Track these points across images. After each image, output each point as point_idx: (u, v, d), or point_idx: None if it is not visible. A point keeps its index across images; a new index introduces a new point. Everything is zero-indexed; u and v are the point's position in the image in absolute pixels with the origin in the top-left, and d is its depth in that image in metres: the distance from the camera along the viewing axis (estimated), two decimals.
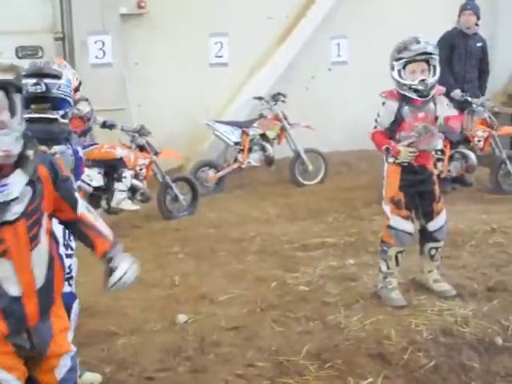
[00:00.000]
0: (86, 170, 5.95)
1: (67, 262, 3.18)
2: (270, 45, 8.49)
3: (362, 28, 8.60)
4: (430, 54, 4.08)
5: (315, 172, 8.04)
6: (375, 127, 4.20)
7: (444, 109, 4.31)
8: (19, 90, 2.33)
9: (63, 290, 2.94)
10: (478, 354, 3.77)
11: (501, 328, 3.99)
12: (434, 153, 6.71)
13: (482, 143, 6.95)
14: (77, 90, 6.04)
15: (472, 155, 6.89)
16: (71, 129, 3.18)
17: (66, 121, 3.07)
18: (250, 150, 7.77)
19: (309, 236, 5.90)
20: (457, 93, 7.11)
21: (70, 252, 3.19)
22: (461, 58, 7.33)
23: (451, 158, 6.93)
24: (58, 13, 7.38)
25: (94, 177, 6.11)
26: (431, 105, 4.19)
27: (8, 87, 2.29)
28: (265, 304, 4.39)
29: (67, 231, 3.06)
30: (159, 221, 6.65)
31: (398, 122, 4.15)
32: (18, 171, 2.33)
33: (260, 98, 8.01)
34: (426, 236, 4.37)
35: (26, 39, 7.24)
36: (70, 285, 3.21)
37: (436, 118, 4.22)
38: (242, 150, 7.73)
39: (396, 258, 4.30)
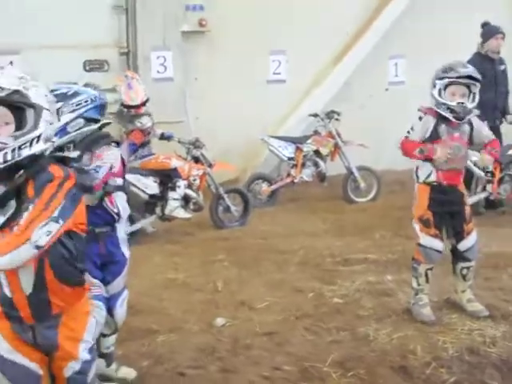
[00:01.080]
0: (141, 177, 6.34)
1: None
2: (327, 63, 8.70)
3: (420, 48, 8.67)
4: (475, 79, 4.21)
5: (367, 189, 8.15)
6: (406, 136, 4.33)
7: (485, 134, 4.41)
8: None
9: None
10: (500, 373, 3.83)
11: None
12: (483, 174, 6.81)
13: None
14: (143, 104, 6.46)
15: None
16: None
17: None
18: (303, 165, 7.96)
19: (352, 251, 6.04)
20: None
21: None
22: (491, 86, 7.14)
23: (501, 181, 6.92)
24: (123, 28, 7.81)
25: (149, 185, 6.43)
26: (466, 126, 4.31)
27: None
28: (300, 313, 4.58)
29: None
30: (211, 230, 6.91)
31: (432, 138, 4.27)
32: None
33: (315, 115, 8.21)
34: (457, 256, 4.47)
35: (93, 53, 7.69)
36: None
37: (470, 141, 4.32)
38: (295, 165, 7.93)
39: (426, 275, 4.41)
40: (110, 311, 3.66)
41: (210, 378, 3.76)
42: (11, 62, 7.37)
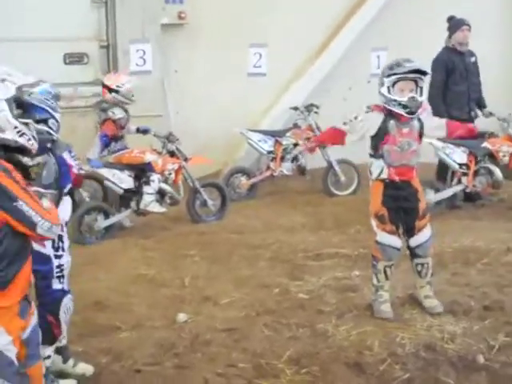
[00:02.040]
0: (116, 171, 6.36)
1: (56, 262, 3.45)
2: (308, 56, 8.69)
3: (403, 40, 8.63)
4: (423, 72, 4.21)
5: (348, 183, 8.15)
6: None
7: (432, 127, 4.42)
8: None
9: (53, 287, 3.27)
10: (455, 370, 3.85)
11: (486, 347, 4.05)
12: (458, 167, 6.82)
13: (507, 158, 6.91)
14: (116, 88, 6.49)
15: (497, 170, 6.87)
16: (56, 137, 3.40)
17: (46, 129, 3.29)
18: (282, 158, 7.96)
19: (325, 246, 6.05)
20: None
21: (60, 253, 3.46)
22: (462, 78, 7.25)
23: (476, 173, 6.92)
24: (103, 22, 7.79)
25: (124, 179, 6.45)
26: (415, 121, 4.32)
27: None
28: (262, 309, 4.60)
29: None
30: (187, 224, 6.92)
31: (381, 135, 4.28)
32: None
33: (296, 109, 8.21)
34: (410, 252, 4.49)
35: (73, 46, 7.68)
36: (60, 282, 3.50)
37: (420, 136, 4.34)
38: (274, 159, 7.94)
39: (385, 271, 4.43)
40: None
41: (164, 375, 3.78)
42: None
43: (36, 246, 3.04)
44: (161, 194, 6.62)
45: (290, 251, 5.92)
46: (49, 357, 3.51)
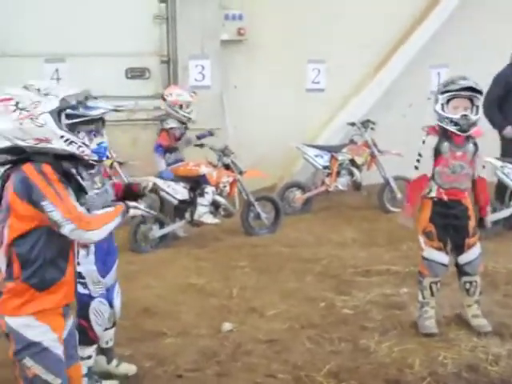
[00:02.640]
0: (171, 183, 6.53)
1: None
2: (367, 72, 8.69)
3: (463, 57, 8.53)
4: (476, 91, 4.16)
5: (404, 200, 8.07)
6: (416, 168, 4.36)
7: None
8: None
9: (79, 291, 3.40)
10: None
11: None
12: None
13: None
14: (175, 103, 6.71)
15: None
16: None
17: None
18: (338, 174, 7.98)
19: (376, 262, 6.04)
20: (508, 131, 7.18)
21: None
22: None
23: None
24: (164, 37, 8.04)
25: (179, 190, 6.61)
26: (470, 146, 4.27)
27: None
28: (306, 322, 4.64)
29: None
30: (240, 236, 7.02)
31: (435, 156, 4.27)
32: None
33: (353, 124, 8.23)
34: (459, 270, 4.43)
35: (134, 61, 7.96)
36: (85, 288, 3.60)
37: (472, 160, 4.28)
38: (330, 174, 7.96)
39: (430, 288, 4.40)
40: (109, 303, 3.79)
41: (204, 381, 3.89)
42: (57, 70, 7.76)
43: None
44: (215, 205, 6.74)
45: (339, 266, 5.93)
46: (89, 357, 3.64)
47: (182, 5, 7.96)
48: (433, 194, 4.33)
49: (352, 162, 8.00)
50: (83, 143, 2.89)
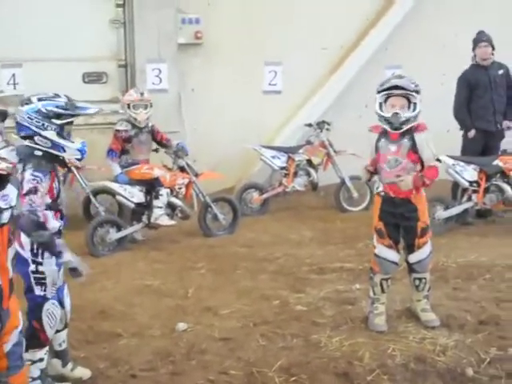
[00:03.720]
0: (127, 186, 6.57)
1: (33, 266, 3.56)
2: (323, 74, 8.83)
3: (416, 58, 8.75)
4: (405, 89, 4.22)
5: (360, 199, 8.24)
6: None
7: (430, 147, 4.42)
8: None
9: (35, 293, 3.44)
10: (443, 382, 3.91)
11: (477, 360, 4.09)
12: (468, 185, 6.85)
13: None
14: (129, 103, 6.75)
15: (508, 188, 6.87)
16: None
17: (32, 145, 3.57)
18: (295, 174, 8.09)
19: (330, 260, 6.15)
20: (472, 133, 7.45)
21: (39, 260, 3.55)
22: (486, 91, 7.45)
23: (487, 190, 6.94)
24: (121, 41, 8.06)
25: (135, 194, 6.65)
26: (405, 140, 4.31)
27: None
28: (259, 320, 4.71)
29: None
30: (198, 238, 7.06)
31: (375, 153, 4.42)
32: (9, 184, 2.84)
33: (309, 125, 8.36)
34: (409, 267, 4.54)
35: (92, 66, 7.96)
36: (42, 290, 3.59)
37: (411, 154, 4.32)
38: (287, 175, 8.07)
39: (381, 284, 4.51)
40: (60, 303, 3.77)
41: (158, 381, 3.91)
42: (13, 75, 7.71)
43: (17, 247, 3.21)
44: (171, 207, 6.79)
45: (294, 265, 6.03)
46: (41, 360, 3.64)
47: (138, 9, 7.99)
48: (380, 189, 4.46)
49: (309, 162, 8.13)
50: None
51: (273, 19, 8.46)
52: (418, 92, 4.26)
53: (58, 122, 3.59)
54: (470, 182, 6.94)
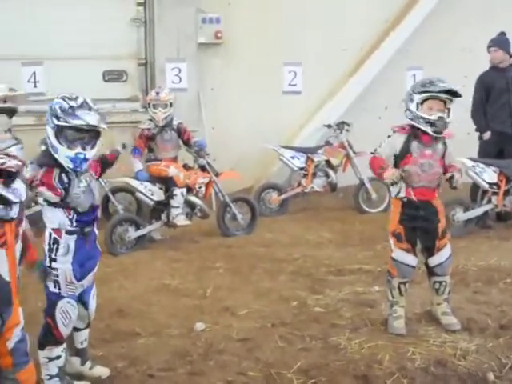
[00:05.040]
0: (147, 184, 6.59)
1: (47, 261, 3.58)
2: (343, 75, 8.78)
3: (437, 60, 8.67)
4: (455, 93, 4.21)
5: (379, 200, 8.19)
6: (372, 153, 4.38)
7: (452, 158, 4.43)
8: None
9: (50, 289, 3.44)
10: None
11: (498, 365, 4.05)
12: (488, 186, 6.78)
13: None
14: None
15: None
16: None
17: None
18: (314, 175, 8.06)
19: (349, 261, 6.12)
20: (487, 135, 7.42)
21: (53, 256, 3.57)
22: (502, 93, 7.42)
23: (507, 193, 6.85)
24: (142, 40, 8.08)
25: (155, 192, 6.65)
26: (439, 145, 4.32)
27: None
28: (278, 321, 4.68)
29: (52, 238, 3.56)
30: (217, 237, 7.06)
31: (403, 154, 4.29)
32: (18, 179, 2.86)
33: (329, 126, 8.32)
34: (429, 270, 4.49)
35: (112, 64, 7.98)
36: (55, 287, 3.60)
37: (441, 159, 4.34)
38: (306, 175, 8.04)
39: (399, 288, 4.46)
40: (84, 304, 3.81)
41: (176, 381, 3.89)
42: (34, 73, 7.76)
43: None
44: (191, 206, 6.79)
45: (313, 266, 6.00)
46: (58, 357, 3.65)
47: (159, 8, 8.00)
48: (402, 195, 4.36)
49: (328, 163, 8.09)
50: (5, 154, 2.82)
51: (293, 19, 8.44)
52: (459, 97, 4.22)
53: (56, 122, 3.49)
54: (490, 184, 6.86)
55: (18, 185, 2.85)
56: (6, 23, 7.53)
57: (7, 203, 2.75)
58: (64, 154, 3.50)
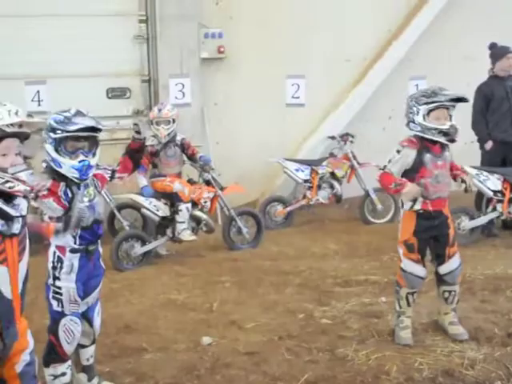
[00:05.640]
0: (153, 200, 6.59)
1: (50, 279, 3.62)
2: (346, 86, 8.82)
3: (440, 69, 8.68)
4: (462, 99, 4.21)
5: (385, 211, 8.18)
6: (382, 170, 4.37)
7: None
8: None
9: (53, 308, 3.46)
10: None
11: (506, 373, 4.02)
12: (493, 194, 6.77)
13: None
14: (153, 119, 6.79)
15: None
16: None
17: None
18: (319, 187, 8.07)
19: (356, 273, 6.10)
20: (489, 145, 7.37)
21: (57, 274, 3.61)
22: (502, 102, 7.37)
23: (511, 200, 6.84)
24: (145, 57, 8.15)
25: (160, 207, 6.67)
26: (447, 153, 4.33)
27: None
28: (285, 333, 4.67)
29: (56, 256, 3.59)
30: (222, 251, 7.06)
31: (416, 168, 4.25)
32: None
33: (333, 138, 8.34)
34: (438, 279, 4.48)
35: (115, 81, 8.05)
36: (58, 306, 3.62)
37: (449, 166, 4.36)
38: (311, 187, 8.05)
39: (407, 298, 4.44)
40: (89, 321, 3.83)
41: None
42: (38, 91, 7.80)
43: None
44: (196, 221, 6.80)
45: (319, 278, 5.99)
46: (63, 374, 3.66)
47: (161, 24, 8.07)
48: (417, 207, 4.31)
49: (332, 174, 8.10)
50: (15, 178, 2.77)
51: (295, 32, 8.49)
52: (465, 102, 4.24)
53: (53, 135, 3.53)
54: (494, 192, 6.84)
55: (19, 201, 2.85)
56: (9, 42, 7.61)
57: (7, 218, 2.75)
58: (68, 165, 3.54)
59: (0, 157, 2.73)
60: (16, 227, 2.81)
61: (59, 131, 3.52)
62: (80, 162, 3.55)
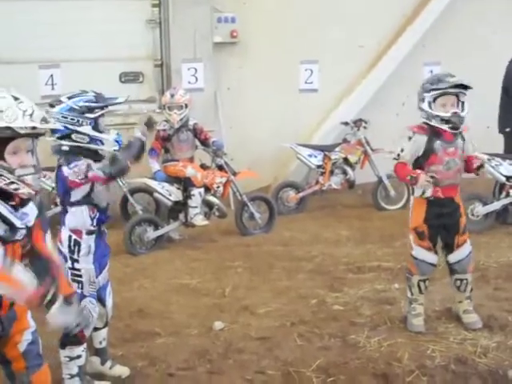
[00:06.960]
0: (165, 184, 6.62)
1: (69, 263, 3.63)
2: (359, 72, 8.74)
3: (455, 55, 8.60)
4: (465, 87, 4.17)
5: (398, 197, 8.14)
6: (396, 159, 4.33)
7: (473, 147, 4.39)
8: None
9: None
10: None
11: None
12: (505, 180, 6.72)
13: None
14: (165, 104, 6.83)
15: None
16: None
17: (67, 142, 3.63)
18: (331, 173, 8.04)
19: (368, 259, 6.10)
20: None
21: (75, 257, 3.64)
22: None
23: None
24: (157, 41, 8.11)
25: (172, 192, 6.68)
26: (459, 140, 4.28)
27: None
28: (297, 319, 4.68)
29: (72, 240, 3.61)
30: (235, 236, 7.06)
31: (427, 155, 4.23)
32: (31, 203, 2.82)
33: (346, 124, 8.30)
34: (449, 267, 4.46)
35: (128, 66, 8.03)
36: (78, 287, 3.62)
37: (462, 153, 4.31)
38: (323, 173, 8.02)
39: (419, 285, 4.43)
40: (101, 302, 3.85)
41: (196, 379, 3.92)
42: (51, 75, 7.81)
43: (58, 243, 3.36)
44: (209, 206, 6.80)
45: (331, 264, 5.99)
46: (79, 356, 3.68)
47: (174, 9, 8.02)
48: (428, 195, 4.29)
49: (345, 160, 8.07)
50: (20, 181, 2.70)
51: (309, 17, 8.41)
52: (470, 89, 4.17)
53: (92, 115, 3.64)
54: (507, 177, 6.78)
55: (29, 209, 2.80)
56: (23, 27, 7.59)
57: (12, 227, 2.72)
58: (112, 139, 3.68)
59: (9, 156, 2.66)
60: (20, 233, 2.76)
61: (97, 110, 3.64)
62: (117, 134, 3.74)
